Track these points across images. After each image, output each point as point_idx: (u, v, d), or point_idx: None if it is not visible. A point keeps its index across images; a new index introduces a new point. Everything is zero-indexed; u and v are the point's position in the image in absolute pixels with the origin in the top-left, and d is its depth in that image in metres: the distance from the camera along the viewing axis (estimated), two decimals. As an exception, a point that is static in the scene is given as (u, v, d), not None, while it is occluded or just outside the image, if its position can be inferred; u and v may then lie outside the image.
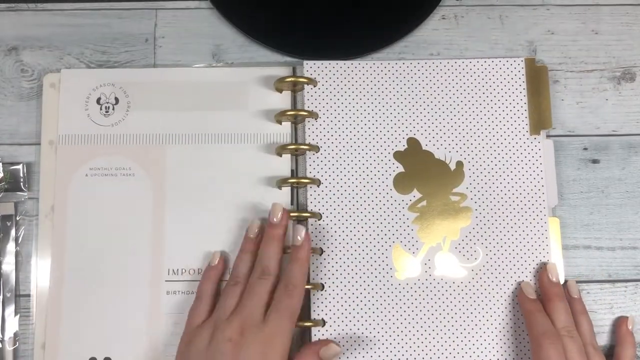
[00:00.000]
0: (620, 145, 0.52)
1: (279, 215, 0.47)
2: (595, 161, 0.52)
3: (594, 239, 0.51)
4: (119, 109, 0.50)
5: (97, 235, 0.49)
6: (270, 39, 0.52)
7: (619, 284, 0.50)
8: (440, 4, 0.53)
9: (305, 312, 0.47)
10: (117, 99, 0.51)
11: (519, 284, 0.48)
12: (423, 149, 0.50)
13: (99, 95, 0.51)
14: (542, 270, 0.48)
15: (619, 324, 0.49)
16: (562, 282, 0.49)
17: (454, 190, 0.50)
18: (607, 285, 0.50)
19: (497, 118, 0.51)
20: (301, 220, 0.49)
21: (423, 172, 0.50)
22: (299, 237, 0.46)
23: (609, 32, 0.54)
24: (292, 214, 0.48)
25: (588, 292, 0.50)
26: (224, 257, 0.48)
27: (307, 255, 0.46)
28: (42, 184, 0.50)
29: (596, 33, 0.54)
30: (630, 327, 0.49)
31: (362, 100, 0.51)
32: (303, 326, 0.47)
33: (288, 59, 0.52)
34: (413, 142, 0.50)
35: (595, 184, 0.52)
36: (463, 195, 0.50)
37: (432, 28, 0.53)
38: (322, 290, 0.48)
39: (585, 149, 0.52)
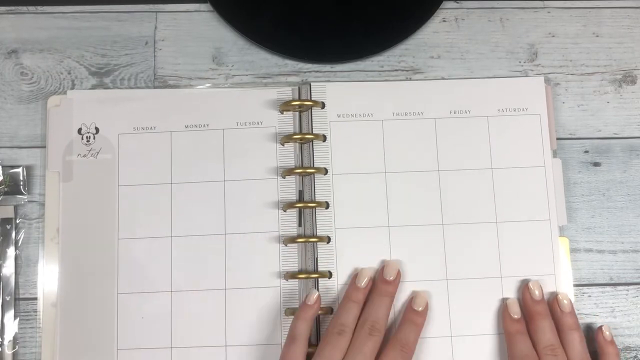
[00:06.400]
0: (622, 148, 0.52)
1: (394, 274, 0.46)
2: (596, 164, 0.52)
3: (595, 242, 0.51)
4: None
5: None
6: (271, 41, 0.52)
7: (620, 287, 0.50)
8: (441, 6, 0.53)
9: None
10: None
11: (505, 300, 0.48)
12: None
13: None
14: (524, 288, 0.47)
15: (596, 335, 0.47)
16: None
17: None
18: (608, 288, 0.50)
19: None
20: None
21: None
22: (420, 308, 0.46)
23: (609, 35, 0.54)
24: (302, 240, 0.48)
25: (589, 296, 0.50)
26: (320, 297, 0.46)
27: (424, 321, 0.46)
28: (47, 209, 0.49)
29: (597, 36, 0.54)
30: (607, 336, 0.47)
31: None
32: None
33: (289, 61, 0.52)
34: None
35: (596, 187, 0.52)
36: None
37: (432, 30, 0.53)
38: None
39: (587, 151, 0.52)
